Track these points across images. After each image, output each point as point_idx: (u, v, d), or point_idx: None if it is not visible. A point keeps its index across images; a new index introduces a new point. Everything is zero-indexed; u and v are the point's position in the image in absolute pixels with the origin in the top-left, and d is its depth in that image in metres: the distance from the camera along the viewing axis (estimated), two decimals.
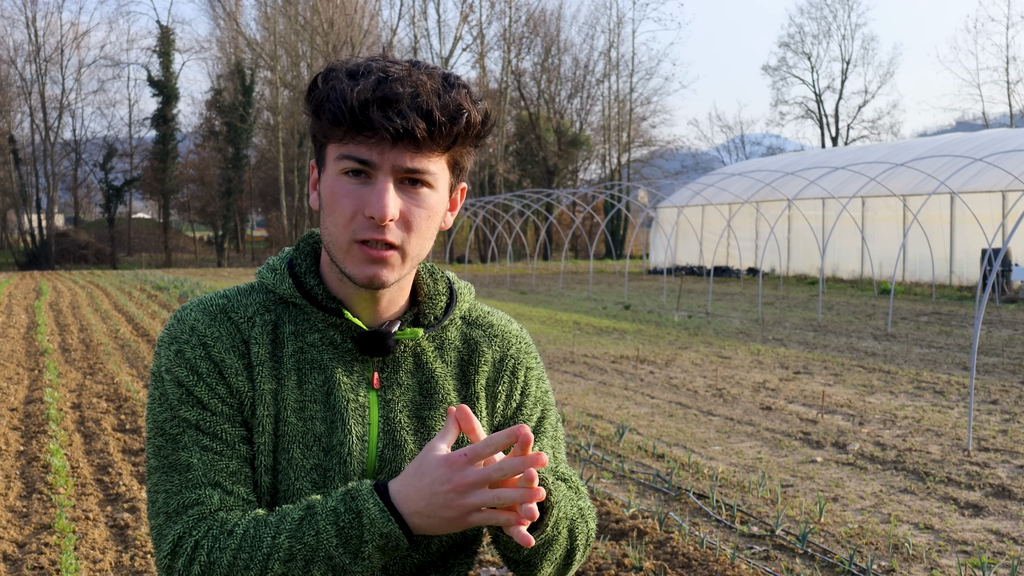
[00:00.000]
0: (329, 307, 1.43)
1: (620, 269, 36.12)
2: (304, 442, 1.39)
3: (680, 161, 58.83)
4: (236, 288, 1.49)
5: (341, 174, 1.37)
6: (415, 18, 50.76)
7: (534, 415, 1.59)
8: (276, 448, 1.40)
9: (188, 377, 1.39)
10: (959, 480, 6.34)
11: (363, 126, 1.32)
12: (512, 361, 1.57)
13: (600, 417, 8.45)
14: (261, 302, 1.46)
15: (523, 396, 1.57)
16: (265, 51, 50.39)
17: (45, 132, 50.02)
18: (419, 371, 1.48)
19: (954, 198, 22.62)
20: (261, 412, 1.39)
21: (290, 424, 1.39)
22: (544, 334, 14.71)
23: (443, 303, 1.52)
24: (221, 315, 1.43)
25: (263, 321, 1.43)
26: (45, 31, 50.68)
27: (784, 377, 10.46)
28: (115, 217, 52.50)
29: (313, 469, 1.39)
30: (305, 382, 1.41)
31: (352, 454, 1.40)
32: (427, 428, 1.46)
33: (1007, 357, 11.79)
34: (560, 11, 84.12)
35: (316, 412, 1.40)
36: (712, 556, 4.79)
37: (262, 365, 1.40)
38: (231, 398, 1.39)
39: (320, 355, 1.43)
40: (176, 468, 1.37)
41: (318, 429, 1.40)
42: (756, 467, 6.74)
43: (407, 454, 1.44)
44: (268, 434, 1.39)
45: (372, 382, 1.44)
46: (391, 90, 1.32)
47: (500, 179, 50.04)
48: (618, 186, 40.36)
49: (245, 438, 1.40)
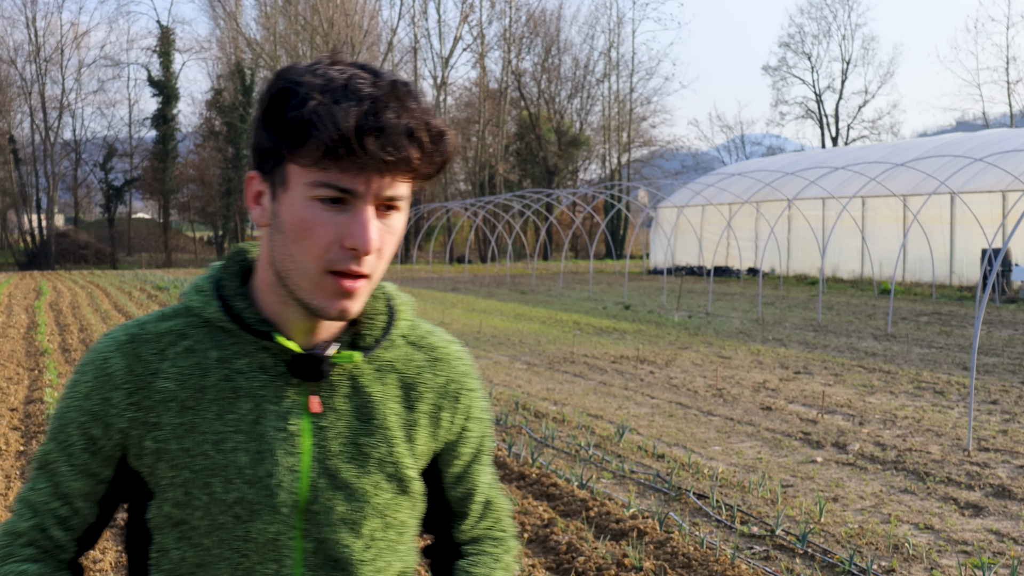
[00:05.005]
0: (260, 330, 1.34)
1: (620, 269, 36.12)
2: (225, 475, 1.31)
3: (680, 161, 58.84)
4: (160, 312, 1.41)
5: (314, 200, 1.27)
6: (415, 18, 50.81)
7: (476, 438, 1.54)
8: (191, 483, 1.32)
9: (68, 413, 1.37)
10: (959, 480, 6.34)
11: (356, 155, 1.24)
12: (456, 386, 1.50)
13: (600, 417, 8.45)
14: (180, 328, 1.37)
15: (467, 420, 1.52)
16: (265, 51, 50.38)
17: (45, 132, 50.04)
18: (356, 395, 1.40)
19: (954, 198, 22.62)
20: (161, 447, 1.33)
21: (209, 457, 1.32)
22: (544, 334, 14.70)
23: (383, 322, 1.44)
24: (128, 346, 1.35)
25: (178, 352, 1.35)
26: (45, 31, 50.75)
27: (784, 377, 10.46)
28: (115, 217, 52.51)
29: (236, 503, 1.32)
30: (229, 412, 1.33)
31: (281, 485, 1.33)
32: (364, 455, 1.38)
33: (1007, 357, 11.78)
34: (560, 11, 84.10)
35: (239, 443, 1.33)
36: (712, 556, 4.78)
37: (169, 399, 1.33)
38: (105, 440, 1.34)
39: (249, 382, 1.35)
40: (34, 484, 1.39)
41: (241, 461, 1.32)
42: (756, 467, 6.74)
43: (341, 483, 1.36)
44: (176, 469, 1.32)
45: (308, 407, 1.36)
46: (385, 117, 1.25)
47: (500, 179, 50.04)
48: (618, 186, 40.36)
49: (105, 480, 1.37)
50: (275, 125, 1.27)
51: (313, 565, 1.36)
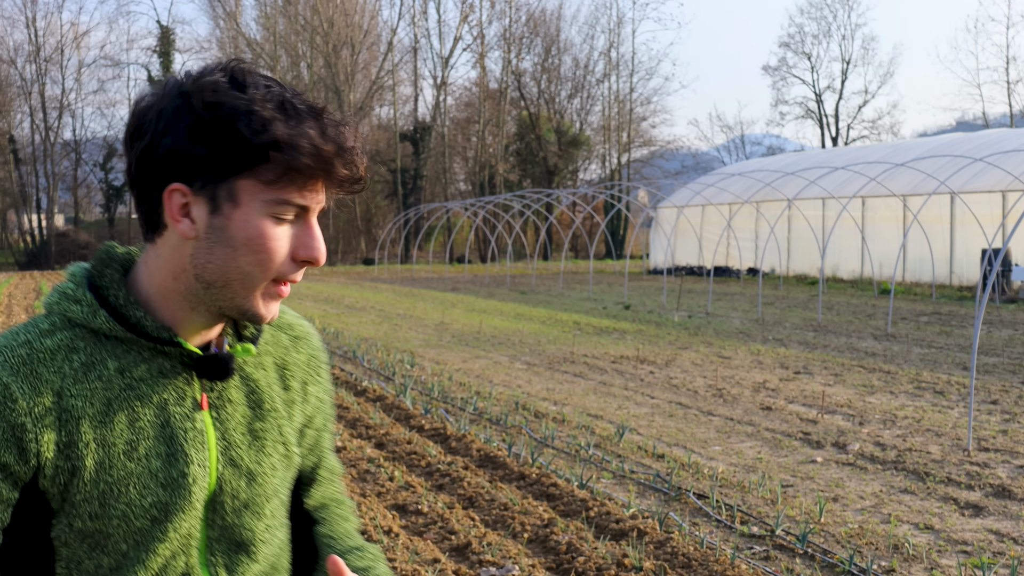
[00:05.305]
0: (161, 337, 1.35)
1: (620, 269, 36.12)
2: (140, 482, 1.33)
3: (680, 161, 58.82)
4: (33, 328, 1.35)
5: (268, 216, 1.30)
6: (415, 18, 50.79)
7: (328, 407, 1.62)
8: (107, 495, 1.32)
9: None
10: (959, 480, 6.34)
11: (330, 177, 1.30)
12: (316, 361, 1.58)
13: (600, 417, 8.45)
14: (67, 343, 1.34)
15: (323, 392, 1.60)
16: (265, 51, 50.39)
17: (45, 132, 50.04)
18: (244, 384, 1.45)
19: (954, 198, 22.62)
20: (75, 464, 1.31)
21: (124, 467, 1.32)
22: (544, 334, 14.71)
23: None
24: (25, 368, 1.30)
25: (75, 368, 1.33)
26: (45, 31, 50.71)
27: (784, 377, 10.46)
28: (115, 217, 52.51)
29: (152, 506, 1.34)
30: (136, 419, 1.34)
31: (196, 483, 1.36)
32: (260, 441, 1.44)
33: (1007, 357, 11.79)
34: (560, 11, 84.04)
35: (151, 448, 1.34)
36: (712, 556, 4.78)
37: (79, 417, 1.31)
38: (19, 465, 1.29)
39: (150, 388, 1.35)
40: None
41: (154, 465, 1.34)
42: (756, 467, 6.74)
43: (243, 472, 1.41)
44: (92, 484, 1.31)
45: (201, 404, 1.39)
46: (344, 137, 1.30)
47: (500, 179, 50.04)
48: (618, 186, 40.36)
49: (11, 506, 1.32)
50: (222, 142, 1.27)
51: (216, 552, 1.41)
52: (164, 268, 1.36)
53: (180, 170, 1.30)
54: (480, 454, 6.99)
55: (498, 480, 6.35)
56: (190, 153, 1.28)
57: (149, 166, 1.31)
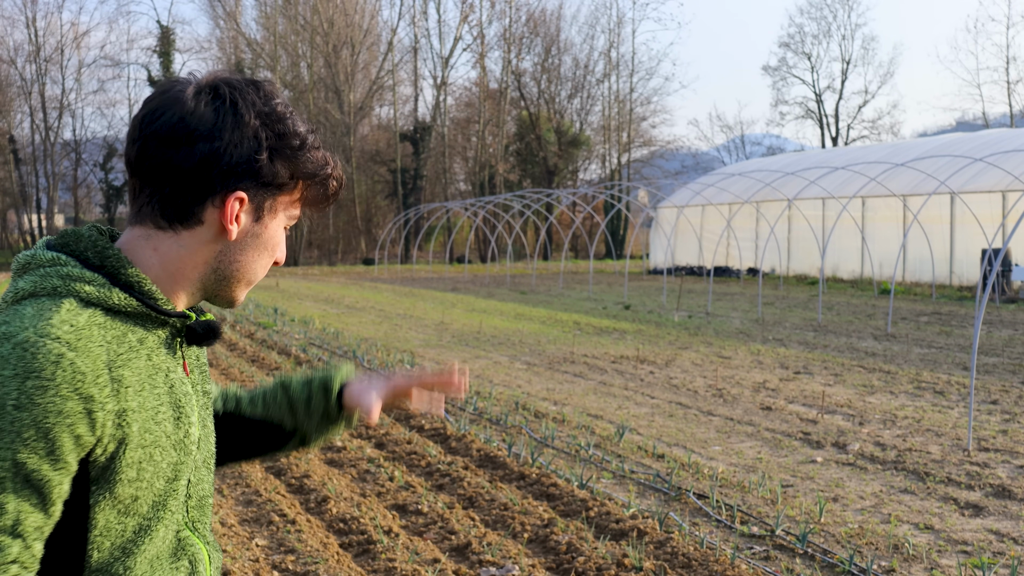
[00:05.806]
0: (171, 311, 1.49)
1: (620, 269, 36.12)
2: (160, 445, 1.45)
3: (680, 161, 58.81)
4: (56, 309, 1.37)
5: (283, 225, 1.54)
6: (415, 18, 50.77)
7: None
8: (142, 460, 1.41)
9: (45, 418, 1.31)
10: (959, 480, 6.34)
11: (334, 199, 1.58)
12: None
13: (600, 417, 8.45)
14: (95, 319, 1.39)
15: None
16: (265, 51, 50.38)
17: (45, 132, 50.04)
18: (193, 352, 1.59)
19: (954, 198, 22.62)
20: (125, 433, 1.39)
21: (152, 432, 1.43)
22: (544, 334, 14.71)
23: None
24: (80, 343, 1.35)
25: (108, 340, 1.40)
26: (45, 31, 50.71)
27: (784, 377, 10.46)
28: (115, 217, 52.49)
29: (168, 467, 1.46)
30: (156, 386, 1.46)
31: (195, 442, 1.51)
32: (210, 400, 1.61)
33: (1007, 357, 11.79)
34: (560, 11, 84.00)
35: (167, 414, 1.46)
36: (712, 556, 4.78)
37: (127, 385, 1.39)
38: (89, 436, 1.34)
39: (158, 357, 1.48)
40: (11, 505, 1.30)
41: (168, 429, 1.46)
42: (756, 467, 6.74)
43: (208, 429, 1.58)
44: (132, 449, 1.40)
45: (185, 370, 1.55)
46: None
47: (500, 179, 50.04)
48: (618, 186, 40.37)
49: (72, 475, 1.36)
50: (291, 168, 1.49)
51: (189, 508, 1.54)
52: (185, 257, 1.49)
53: (246, 180, 1.47)
54: (480, 454, 6.99)
55: (498, 480, 6.35)
56: (260, 170, 1.47)
57: (212, 169, 1.45)
